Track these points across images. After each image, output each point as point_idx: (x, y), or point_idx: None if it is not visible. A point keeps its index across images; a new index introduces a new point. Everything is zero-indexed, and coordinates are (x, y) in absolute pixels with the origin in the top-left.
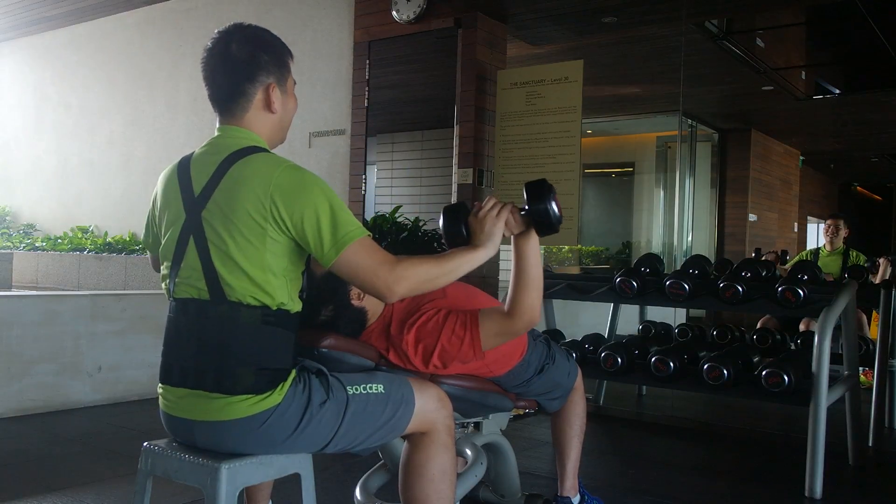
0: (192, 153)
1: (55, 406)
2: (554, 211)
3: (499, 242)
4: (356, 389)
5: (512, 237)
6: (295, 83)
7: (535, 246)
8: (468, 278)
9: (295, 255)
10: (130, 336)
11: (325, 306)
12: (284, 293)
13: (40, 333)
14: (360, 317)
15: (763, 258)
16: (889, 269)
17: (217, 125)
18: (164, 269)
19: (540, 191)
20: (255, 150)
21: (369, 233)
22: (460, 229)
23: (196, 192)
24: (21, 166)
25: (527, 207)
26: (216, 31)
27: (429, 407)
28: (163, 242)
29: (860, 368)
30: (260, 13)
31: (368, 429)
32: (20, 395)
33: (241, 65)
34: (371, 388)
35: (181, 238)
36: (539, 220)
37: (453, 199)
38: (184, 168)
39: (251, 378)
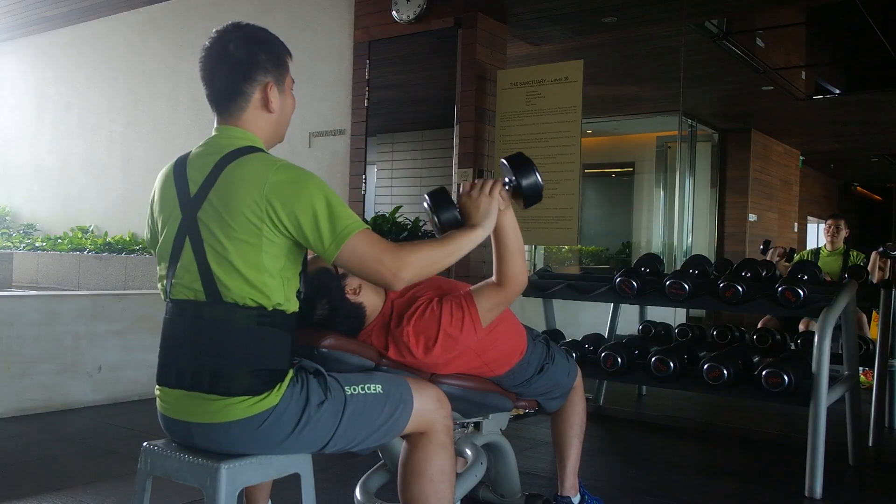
0: (190, 152)
1: (55, 406)
2: (541, 182)
3: (495, 219)
4: (354, 389)
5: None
6: (293, 82)
7: (513, 217)
8: (468, 272)
9: (292, 254)
10: (130, 336)
11: (319, 301)
12: (281, 294)
13: (40, 333)
14: (357, 312)
15: (770, 252)
16: (878, 261)
17: (215, 124)
18: (160, 270)
19: (524, 164)
20: (251, 150)
21: (368, 225)
22: (454, 213)
23: (192, 192)
24: (21, 166)
25: (514, 181)
26: (214, 30)
27: (427, 407)
28: (160, 242)
29: (860, 368)
30: (260, 13)
31: (367, 429)
32: (20, 395)
33: (239, 64)
34: (369, 388)
35: (177, 238)
36: (529, 194)
37: (454, 200)
38: (180, 167)
39: (247, 379)
